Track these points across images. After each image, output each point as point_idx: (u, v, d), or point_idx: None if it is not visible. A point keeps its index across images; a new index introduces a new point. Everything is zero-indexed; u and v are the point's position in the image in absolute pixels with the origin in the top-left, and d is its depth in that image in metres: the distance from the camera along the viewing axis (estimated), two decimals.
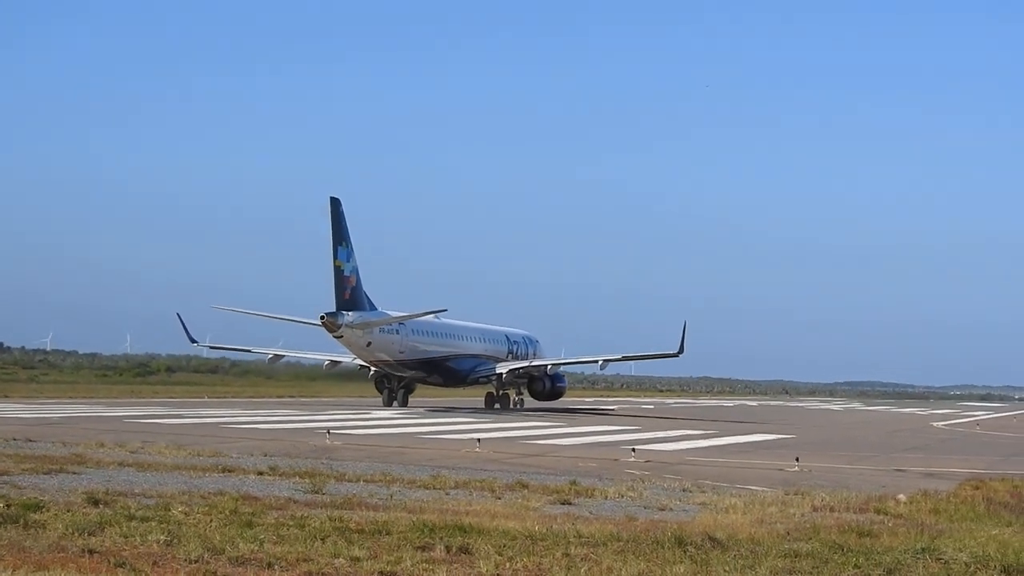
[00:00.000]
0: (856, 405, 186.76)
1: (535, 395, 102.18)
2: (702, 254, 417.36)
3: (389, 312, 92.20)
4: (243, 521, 22.92)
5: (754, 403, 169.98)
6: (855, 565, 20.33)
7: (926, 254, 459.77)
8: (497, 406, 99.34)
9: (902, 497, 31.40)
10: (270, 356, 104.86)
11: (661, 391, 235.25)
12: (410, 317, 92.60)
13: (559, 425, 70.89)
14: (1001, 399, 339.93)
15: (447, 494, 30.18)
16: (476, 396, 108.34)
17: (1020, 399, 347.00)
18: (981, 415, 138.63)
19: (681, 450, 52.05)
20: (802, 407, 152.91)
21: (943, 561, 20.85)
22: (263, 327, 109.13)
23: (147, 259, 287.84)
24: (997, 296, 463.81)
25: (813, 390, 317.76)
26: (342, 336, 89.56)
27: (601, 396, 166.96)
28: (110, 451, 39.34)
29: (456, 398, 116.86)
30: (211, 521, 22.87)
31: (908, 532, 24.77)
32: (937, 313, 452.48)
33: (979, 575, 19.85)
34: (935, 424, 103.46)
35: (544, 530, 22.89)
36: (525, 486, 32.12)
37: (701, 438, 62.63)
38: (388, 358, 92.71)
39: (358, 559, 19.39)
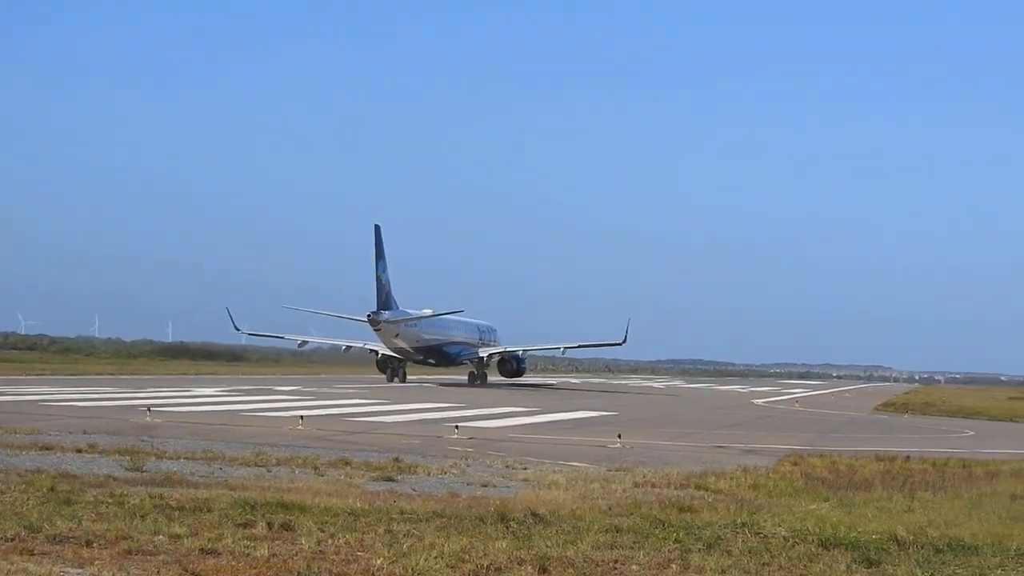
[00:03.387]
0: (678, 383, 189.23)
1: (504, 374, 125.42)
2: (516, 234, 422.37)
3: (408, 310, 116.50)
4: (61, 499, 22.64)
5: (577, 380, 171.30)
6: (676, 540, 20.64)
7: (746, 242, 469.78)
8: (477, 382, 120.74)
9: None
10: (299, 342, 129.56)
11: None
12: (423, 316, 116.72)
13: (383, 402, 70.85)
14: (820, 377, 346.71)
15: (269, 471, 30.12)
16: (458, 374, 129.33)
17: (838, 377, 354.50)
18: (800, 392, 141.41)
19: (504, 427, 52.32)
20: (624, 384, 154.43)
21: (762, 535, 21.30)
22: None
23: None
24: (815, 280, 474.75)
25: (635, 368, 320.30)
26: (380, 329, 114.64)
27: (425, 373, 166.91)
28: None
29: (444, 376, 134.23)
30: (28, 499, 22.55)
31: (728, 507, 25.27)
32: (758, 295, 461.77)
33: (797, 549, 20.22)
34: (755, 401, 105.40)
35: (366, 507, 22.96)
36: (348, 463, 32.17)
37: (524, 415, 62.93)
38: (407, 346, 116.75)
39: (178, 536, 19.26)
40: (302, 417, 48.29)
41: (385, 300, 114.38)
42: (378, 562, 17.77)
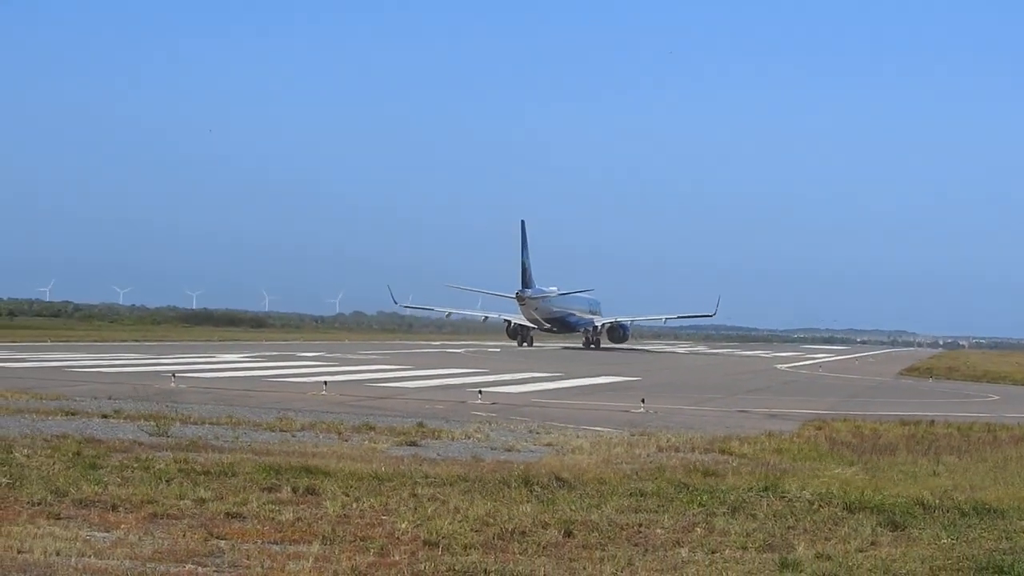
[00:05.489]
0: (701, 348, 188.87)
1: (612, 340, 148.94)
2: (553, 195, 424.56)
3: (543, 288, 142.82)
4: (87, 463, 22.73)
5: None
6: (700, 503, 20.71)
7: (767, 205, 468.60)
8: (592, 347, 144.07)
9: None
10: (447, 313, 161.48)
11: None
12: (549, 294, 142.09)
13: (406, 368, 70.94)
14: (843, 342, 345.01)
15: (293, 436, 30.20)
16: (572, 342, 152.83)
17: (862, 342, 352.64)
18: (824, 358, 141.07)
19: (528, 392, 52.34)
20: (647, 350, 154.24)
21: (787, 499, 21.33)
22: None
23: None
24: (838, 244, 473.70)
25: (658, 333, 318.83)
26: (524, 304, 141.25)
27: (448, 339, 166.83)
28: None
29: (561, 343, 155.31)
30: (55, 464, 22.67)
31: (752, 471, 25.25)
32: (780, 260, 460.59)
33: (823, 512, 20.27)
34: (779, 366, 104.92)
35: (390, 471, 23.00)
36: (372, 428, 32.22)
37: (547, 380, 63.02)
38: (540, 318, 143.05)
39: (204, 500, 19.35)
40: (325, 383, 48.39)
41: (528, 280, 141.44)
42: (403, 526, 17.82)
